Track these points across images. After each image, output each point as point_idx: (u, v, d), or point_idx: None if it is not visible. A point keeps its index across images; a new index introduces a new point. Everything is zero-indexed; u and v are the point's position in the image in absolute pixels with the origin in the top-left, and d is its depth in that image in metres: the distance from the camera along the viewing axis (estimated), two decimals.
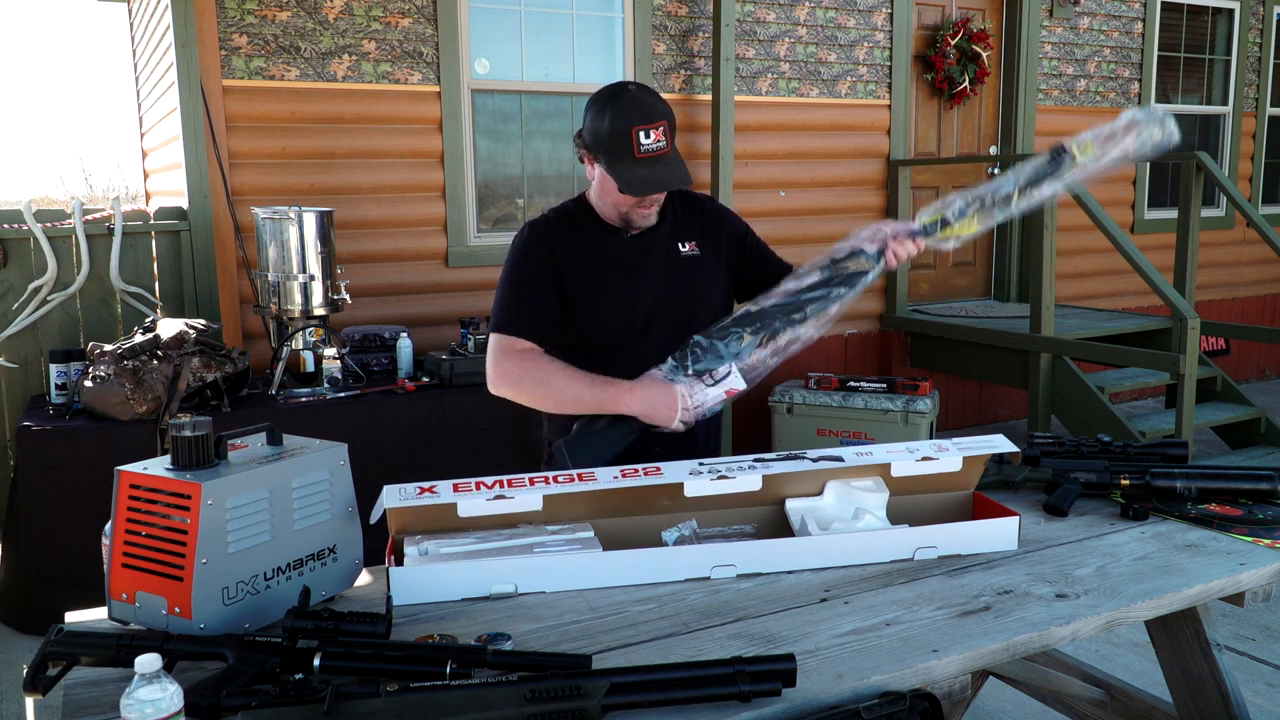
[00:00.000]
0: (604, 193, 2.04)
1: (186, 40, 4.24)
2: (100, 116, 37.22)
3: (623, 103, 1.93)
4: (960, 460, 1.87)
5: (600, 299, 2.06)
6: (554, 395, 2.00)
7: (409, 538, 1.71)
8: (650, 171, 1.94)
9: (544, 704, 1.18)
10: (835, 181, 5.94)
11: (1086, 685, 2.43)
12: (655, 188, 1.95)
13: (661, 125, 1.93)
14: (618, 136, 1.92)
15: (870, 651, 1.41)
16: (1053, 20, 6.57)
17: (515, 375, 2.02)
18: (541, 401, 2.03)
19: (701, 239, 2.15)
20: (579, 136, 2.03)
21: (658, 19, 5.33)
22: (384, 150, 4.78)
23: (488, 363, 2.05)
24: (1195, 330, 4.52)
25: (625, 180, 1.94)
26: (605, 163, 1.96)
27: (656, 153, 1.93)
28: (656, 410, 1.94)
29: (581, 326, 2.08)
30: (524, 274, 2.07)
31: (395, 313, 4.76)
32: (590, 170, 2.04)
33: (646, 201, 2.02)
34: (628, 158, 1.93)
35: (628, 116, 1.92)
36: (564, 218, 2.12)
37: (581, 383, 1.98)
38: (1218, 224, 7.40)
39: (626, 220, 2.06)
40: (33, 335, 4.22)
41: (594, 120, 1.97)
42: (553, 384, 1.99)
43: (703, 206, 2.21)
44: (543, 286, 2.05)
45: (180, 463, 1.45)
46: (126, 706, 1.12)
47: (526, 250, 2.08)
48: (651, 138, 1.92)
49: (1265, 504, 2.04)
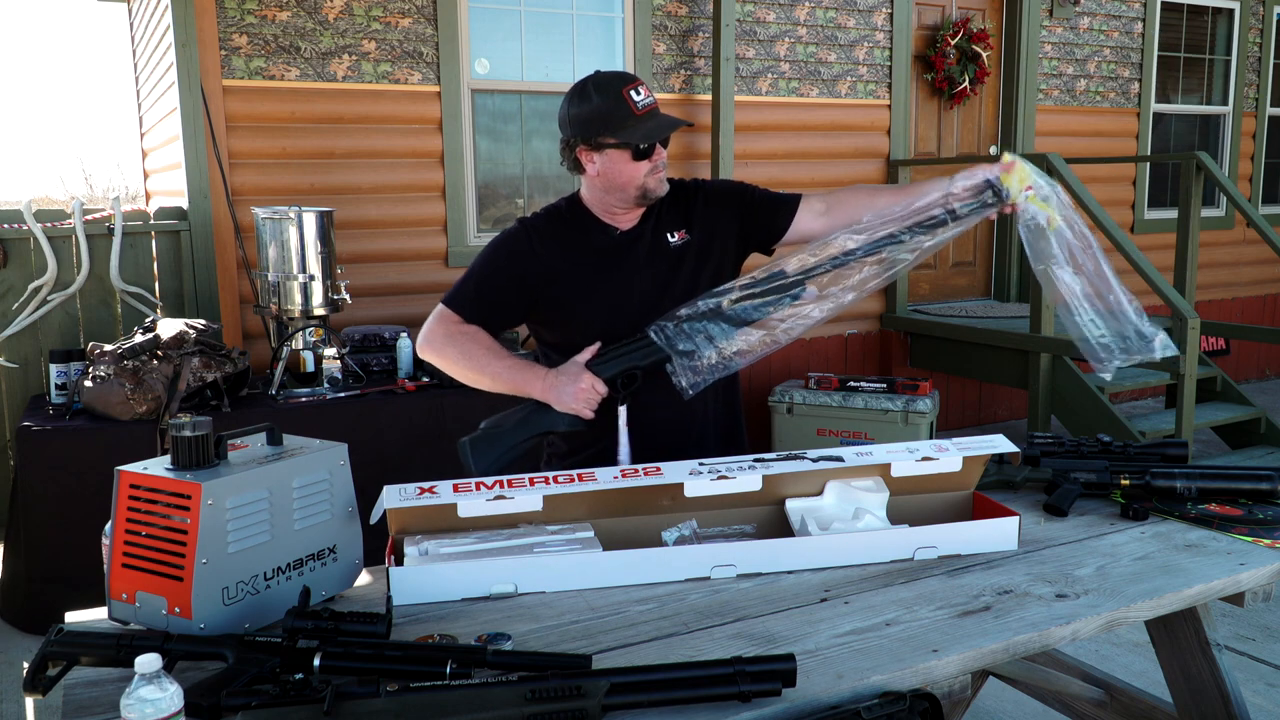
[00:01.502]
0: (613, 176, 2.01)
1: (186, 40, 4.24)
2: (100, 116, 37.25)
3: (600, 80, 1.99)
4: (960, 460, 1.87)
5: (587, 300, 2.04)
6: (474, 367, 2.01)
7: (409, 538, 1.71)
8: (655, 122, 1.98)
9: (544, 704, 1.18)
10: (835, 181, 5.93)
11: (1086, 685, 2.43)
12: (669, 128, 1.99)
13: (642, 84, 1.99)
14: (612, 105, 1.95)
15: (870, 651, 1.41)
16: (1053, 20, 6.57)
17: (442, 342, 2.03)
18: (462, 373, 2.03)
19: (689, 224, 2.11)
20: (567, 140, 2.02)
21: (658, 19, 5.33)
22: (384, 150, 4.78)
23: (423, 326, 2.07)
24: (1195, 330, 4.52)
25: (641, 134, 1.95)
26: (610, 136, 1.96)
27: (651, 107, 1.98)
28: (563, 397, 1.92)
29: (569, 328, 2.06)
30: (494, 266, 2.07)
31: (395, 313, 4.76)
32: (589, 166, 2.02)
33: (659, 165, 2.02)
34: (630, 119, 1.95)
35: (612, 85, 1.97)
36: (554, 218, 2.11)
37: (502, 361, 2.00)
38: (1218, 224, 7.40)
39: (643, 194, 2.03)
40: (33, 335, 4.23)
41: (579, 108, 1.98)
42: (475, 356, 2.00)
43: (685, 189, 2.17)
44: (506, 288, 2.05)
45: (180, 463, 1.45)
46: (126, 706, 1.12)
47: (509, 245, 2.08)
48: (642, 94, 1.97)
49: (1265, 504, 2.04)
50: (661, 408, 2.01)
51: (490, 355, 2.00)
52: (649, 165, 2.00)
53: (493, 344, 2.03)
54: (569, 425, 1.95)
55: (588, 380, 1.92)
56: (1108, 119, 6.92)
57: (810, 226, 2.09)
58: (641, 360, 1.94)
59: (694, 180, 2.21)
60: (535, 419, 1.95)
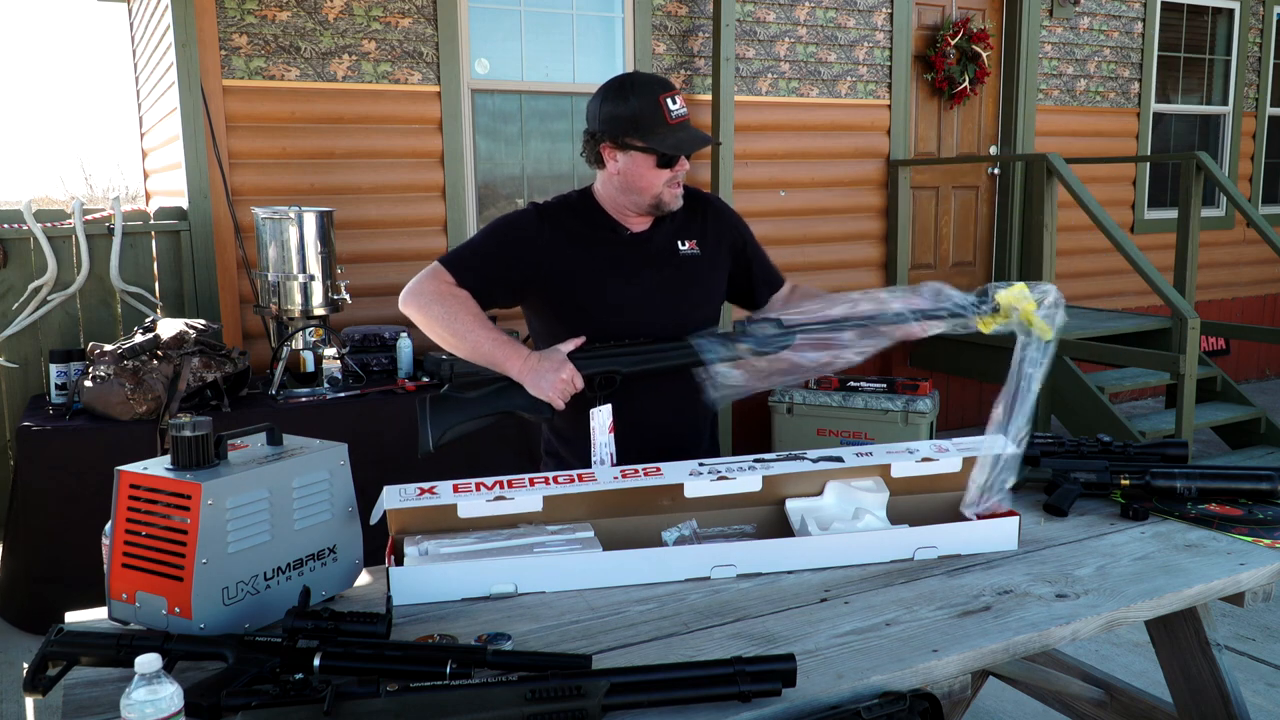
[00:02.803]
0: (633, 179, 2.00)
1: (186, 40, 4.24)
2: (100, 116, 37.26)
3: (639, 81, 1.99)
4: (960, 461, 1.87)
5: (586, 294, 2.03)
6: (455, 331, 1.96)
7: (409, 538, 1.71)
8: (686, 134, 1.98)
9: (544, 704, 1.18)
10: (835, 181, 5.94)
11: (1086, 685, 2.43)
12: (700, 143, 2.00)
13: (679, 93, 1.99)
14: (647, 110, 1.95)
15: (870, 651, 1.41)
16: (1053, 20, 6.57)
17: (430, 298, 1.98)
18: (440, 333, 1.98)
19: (702, 238, 2.13)
20: (593, 133, 2.01)
21: (658, 19, 5.33)
22: (384, 150, 4.78)
23: (413, 279, 2.02)
24: (1195, 330, 4.52)
25: (670, 144, 1.96)
26: (638, 139, 1.96)
27: (684, 118, 1.98)
28: (541, 383, 1.90)
29: (562, 318, 2.05)
30: (498, 242, 2.06)
31: (395, 313, 4.71)
32: (610, 163, 2.01)
33: (678, 178, 2.02)
34: (662, 127, 1.95)
35: (651, 90, 1.96)
36: (566, 208, 2.10)
37: (486, 332, 1.96)
38: (1218, 224, 7.40)
39: (657, 203, 2.03)
40: (33, 335, 4.22)
41: (613, 106, 1.97)
42: (460, 320, 1.96)
43: (707, 205, 2.18)
44: (506, 266, 2.03)
45: (180, 463, 1.45)
46: (126, 706, 1.12)
47: (518, 226, 2.07)
48: (677, 103, 1.97)
49: (1265, 504, 2.04)
50: (653, 412, 2.04)
51: (476, 323, 1.97)
52: (670, 175, 2.00)
53: (480, 313, 1.99)
54: (532, 410, 1.93)
55: (569, 372, 1.90)
56: (1108, 119, 6.92)
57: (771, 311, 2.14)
58: (625, 366, 1.94)
59: (717, 200, 2.23)
60: (503, 397, 1.93)
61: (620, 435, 1.99)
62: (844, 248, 6.00)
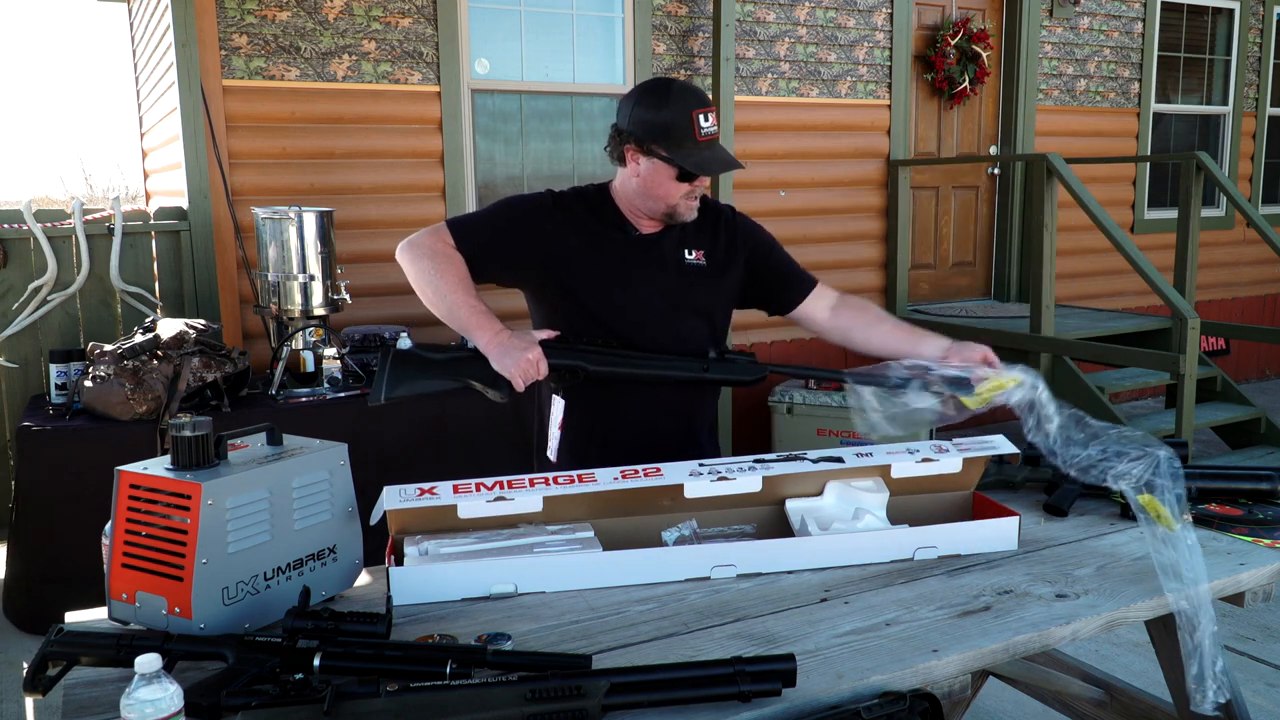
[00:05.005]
0: (651, 185, 1.99)
1: (186, 40, 4.24)
2: (100, 116, 37.24)
3: (676, 90, 1.96)
4: (960, 461, 1.87)
5: (586, 288, 2.03)
6: (438, 289, 1.95)
7: (409, 538, 1.71)
8: (713, 153, 1.97)
9: (544, 704, 1.18)
10: (835, 181, 5.94)
11: (1086, 685, 2.43)
12: (724, 166, 1.99)
13: (714, 110, 1.97)
14: (679, 122, 1.93)
15: (870, 651, 1.41)
16: (1053, 20, 6.57)
17: (425, 253, 1.97)
18: (423, 287, 1.98)
19: (711, 249, 2.11)
20: (620, 131, 2.00)
21: (658, 19, 5.33)
22: (384, 150, 4.78)
23: (416, 233, 2.02)
24: (1195, 330, 4.51)
25: (694, 162, 1.94)
26: (664, 150, 1.95)
27: (713, 136, 1.97)
28: (505, 360, 1.88)
29: (558, 307, 2.05)
30: (508, 220, 2.05)
31: (395, 313, 4.76)
32: (632, 165, 2.00)
33: (696, 193, 2.02)
34: (689, 142, 1.94)
35: (686, 102, 1.94)
36: (581, 200, 2.10)
37: (466, 298, 1.94)
38: (1218, 224, 7.40)
39: (671, 213, 2.03)
40: (33, 335, 4.22)
41: (646, 111, 1.96)
42: (446, 279, 1.95)
43: (719, 215, 2.16)
44: (512, 245, 2.03)
45: (180, 463, 1.45)
46: (126, 706, 1.12)
47: (532, 210, 2.06)
48: (710, 120, 1.96)
49: (1265, 504, 2.04)
50: (647, 416, 2.05)
51: (459, 286, 1.95)
52: (689, 189, 1.99)
53: (466, 278, 1.98)
54: (491, 385, 1.91)
55: (536, 354, 1.89)
56: (1108, 119, 6.92)
57: (817, 316, 2.19)
58: (591, 364, 1.94)
59: (731, 210, 2.21)
60: (465, 367, 1.92)
61: (615, 437, 1.99)
62: (844, 248, 5.99)
